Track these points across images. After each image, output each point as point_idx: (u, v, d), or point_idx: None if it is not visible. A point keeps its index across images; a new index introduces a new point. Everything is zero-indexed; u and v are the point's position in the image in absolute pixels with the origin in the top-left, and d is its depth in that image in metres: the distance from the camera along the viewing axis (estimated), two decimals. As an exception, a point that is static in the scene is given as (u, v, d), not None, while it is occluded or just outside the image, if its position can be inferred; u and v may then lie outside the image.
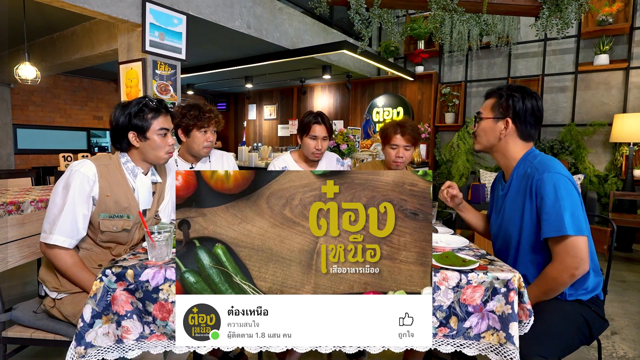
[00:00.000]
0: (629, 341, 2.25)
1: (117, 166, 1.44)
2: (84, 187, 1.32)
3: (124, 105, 1.44)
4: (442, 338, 1.07)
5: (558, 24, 2.54)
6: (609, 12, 4.37)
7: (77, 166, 1.34)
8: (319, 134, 2.07)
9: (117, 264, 1.10)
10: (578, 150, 4.73)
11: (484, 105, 1.45)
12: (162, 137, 1.46)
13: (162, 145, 1.46)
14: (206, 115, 1.89)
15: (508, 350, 1.03)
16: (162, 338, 1.08)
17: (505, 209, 1.42)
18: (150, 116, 1.43)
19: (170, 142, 1.49)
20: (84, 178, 1.32)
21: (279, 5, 4.41)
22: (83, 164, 1.35)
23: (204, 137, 1.92)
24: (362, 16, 2.70)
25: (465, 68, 5.62)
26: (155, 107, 1.45)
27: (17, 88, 6.34)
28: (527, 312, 1.08)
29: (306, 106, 7.37)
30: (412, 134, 1.96)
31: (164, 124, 1.46)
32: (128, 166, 1.47)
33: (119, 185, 1.41)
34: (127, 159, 1.48)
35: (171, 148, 1.50)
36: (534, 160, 1.33)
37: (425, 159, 5.80)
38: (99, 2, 2.82)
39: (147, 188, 1.52)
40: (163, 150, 1.47)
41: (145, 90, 3.20)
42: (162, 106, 1.48)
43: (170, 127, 1.50)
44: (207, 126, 1.90)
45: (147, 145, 1.44)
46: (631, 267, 3.70)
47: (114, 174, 1.42)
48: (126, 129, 1.42)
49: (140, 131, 1.42)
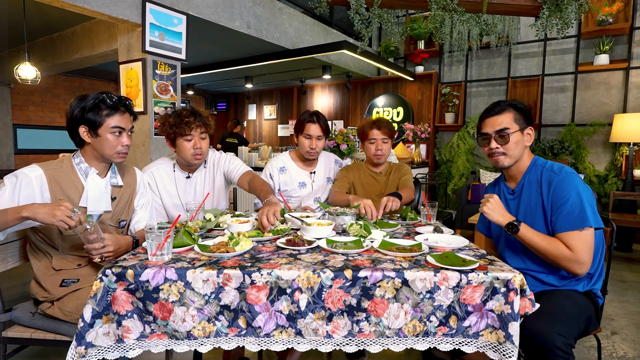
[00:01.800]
0: (629, 341, 2.25)
1: (69, 168, 1.40)
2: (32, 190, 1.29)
3: (82, 97, 1.39)
4: (442, 337, 1.08)
5: (558, 24, 2.54)
6: (609, 12, 4.37)
7: (24, 169, 1.31)
8: (313, 133, 2.07)
9: (117, 264, 1.10)
10: (578, 150, 4.73)
11: (502, 121, 1.44)
12: (115, 136, 1.39)
13: (114, 144, 1.40)
14: (184, 121, 1.74)
15: (507, 348, 1.03)
16: (162, 337, 1.08)
17: (519, 212, 1.48)
18: (106, 113, 1.37)
19: (125, 143, 1.42)
20: (28, 180, 1.29)
21: (279, 5, 4.41)
22: (31, 168, 1.33)
23: (190, 144, 1.78)
24: (362, 16, 2.70)
25: (465, 68, 5.62)
26: (113, 104, 1.39)
27: (17, 88, 6.34)
28: (529, 303, 1.09)
29: (306, 106, 7.36)
30: (388, 126, 2.11)
31: (119, 122, 1.39)
32: (81, 167, 1.42)
33: (72, 187, 1.38)
34: (81, 160, 1.43)
35: (124, 148, 1.43)
36: (545, 165, 1.44)
37: (425, 159, 5.80)
38: (99, 2, 2.81)
39: (101, 189, 1.44)
40: (114, 149, 1.40)
41: (146, 90, 3.20)
42: (122, 104, 1.41)
43: (128, 127, 1.43)
44: (190, 132, 1.75)
45: (98, 142, 1.39)
46: (631, 267, 3.70)
47: (66, 176, 1.38)
48: (78, 123, 1.37)
49: (92, 126, 1.37)
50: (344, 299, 1.06)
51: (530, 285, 1.41)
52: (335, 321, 1.06)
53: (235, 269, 1.07)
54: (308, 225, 1.47)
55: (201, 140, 1.80)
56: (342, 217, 1.60)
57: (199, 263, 1.12)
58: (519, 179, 1.50)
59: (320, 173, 2.24)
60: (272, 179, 2.18)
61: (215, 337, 1.08)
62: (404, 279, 1.06)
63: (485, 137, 1.49)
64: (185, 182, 1.93)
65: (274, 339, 1.07)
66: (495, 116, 1.46)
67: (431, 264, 1.12)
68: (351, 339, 1.07)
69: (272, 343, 1.07)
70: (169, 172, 1.91)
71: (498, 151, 1.45)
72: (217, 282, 1.06)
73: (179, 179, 1.92)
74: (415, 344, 1.07)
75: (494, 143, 1.45)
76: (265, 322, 1.07)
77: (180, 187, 1.91)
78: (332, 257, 1.20)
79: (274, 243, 1.38)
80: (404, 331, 1.07)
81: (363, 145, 2.18)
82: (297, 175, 2.19)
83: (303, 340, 1.07)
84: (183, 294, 1.06)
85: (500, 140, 1.44)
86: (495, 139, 1.45)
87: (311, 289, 1.06)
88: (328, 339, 1.06)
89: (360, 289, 1.06)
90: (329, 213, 1.65)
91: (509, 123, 1.44)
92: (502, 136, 1.44)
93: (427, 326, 1.07)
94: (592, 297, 1.39)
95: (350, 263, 1.13)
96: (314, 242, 1.35)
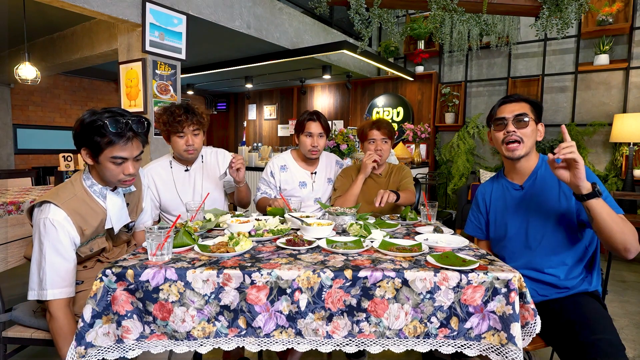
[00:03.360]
0: (629, 341, 2.25)
1: (83, 194, 1.31)
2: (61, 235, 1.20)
3: (92, 113, 1.23)
4: (443, 339, 1.07)
5: (558, 24, 2.54)
6: (609, 12, 4.37)
7: (45, 214, 1.20)
8: (315, 131, 2.07)
9: (117, 264, 1.10)
10: (578, 150, 4.71)
11: (521, 107, 1.43)
12: (116, 165, 1.26)
13: (114, 173, 1.27)
14: (177, 119, 1.78)
15: (509, 350, 1.02)
16: (162, 338, 1.08)
17: (530, 206, 1.46)
18: (107, 140, 1.21)
19: (129, 171, 1.29)
20: (57, 227, 1.20)
21: (279, 5, 4.41)
22: (52, 212, 1.20)
23: (183, 141, 1.84)
24: (362, 16, 2.70)
25: (465, 68, 5.62)
26: (117, 131, 1.21)
27: (17, 88, 6.33)
28: (532, 312, 1.07)
29: (306, 106, 7.36)
30: (388, 127, 2.12)
31: (120, 152, 1.24)
32: (95, 189, 1.33)
33: (92, 214, 1.31)
34: (92, 182, 1.33)
35: (128, 177, 1.31)
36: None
37: (425, 159, 5.79)
38: (99, 2, 2.81)
39: (120, 206, 1.40)
40: (115, 177, 1.29)
41: (146, 90, 3.20)
42: (129, 129, 1.23)
43: (133, 155, 1.28)
44: (182, 130, 1.81)
45: (100, 167, 1.27)
46: (631, 267, 3.69)
47: (84, 205, 1.29)
48: (80, 143, 1.24)
49: (93, 151, 1.23)
50: (344, 299, 1.06)
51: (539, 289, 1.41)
52: (335, 321, 1.06)
53: (235, 269, 1.07)
54: (308, 225, 1.47)
55: (194, 137, 1.86)
56: (342, 217, 1.60)
57: (199, 263, 1.12)
58: (527, 174, 1.49)
59: (321, 173, 2.24)
60: (273, 176, 2.18)
61: (215, 337, 1.07)
62: (404, 279, 1.05)
63: (501, 122, 1.45)
64: (184, 175, 1.98)
65: (274, 339, 1.07)
66: (514, 103, 1.45)
67: (431, 264, 1.12)
68: (351, 339, 1.07)
69: (272, 343, 1.07)
70: (166, 168, 1.97)
71: (515, 135, 1.40)
72: (217, 282, 1.06)
73: (177, 172, 1.98)
74: (416, 346, 1.06)
75: (512, 126, 1.41)
76: (265, 322, 1.06)
77: (178, 181, 1.96)
78: (332, 257, 1.20)
79: (274, 243, 1.38)
80: (404, 332, 1.06)
81: (363, 146, 2.18)
82: (298, 175, 2.19)
83: (303, 341, 1.07)
84: (183, 294, 1.06)
85: (518, 125, 1.41)
86: (513, 123, 1.42)
87: (311, 289, 1.06)
88: (328, 339, 1.06)
89: (360, 289, 1.06)
90: (329, 213, 1.65)
91: (528, 110, 1.43)
92: (520, 121, 1.41)
93: (428, 327, 1.06)
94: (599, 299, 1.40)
95: (350, 263, 1.13)
96: (314, 242, 1.35)
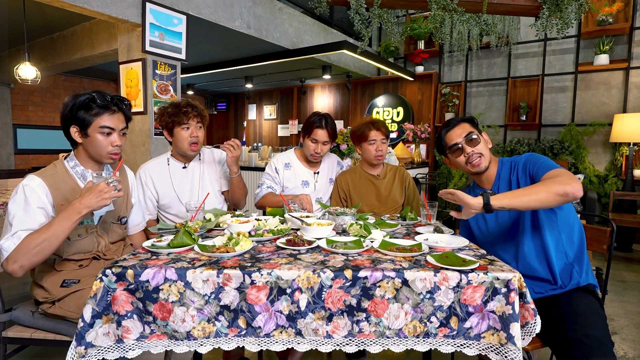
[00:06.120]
0: (629, 341, 2.25)
1: (64, 173, 1.39)
2: (37, 196, 1.28)
3: (74, 96, 1.36)
4: (443, 338, 1.07)
5: (558, 24, 2.54)
6: (609, 12, 4.37)
7: (23, 182, 1.30)
8: (320, 138, 2.08)
9: (117, 264, 1.10)
10: (578, 150, 4.73)
11: (465, 129, 1.53)
12: (104, 136, 1.37)
13: (103, 144, 1.37)
14: (183, 110, 1.85)
15: (509, 350, 1.02)
16: (162, 338, 1.08)
17: None
18: (95, 112, 1.34)
19: (115, 143, 1.40)
20: (33, 190, 1.29)
21: (279, 5, 4.41)
22: (28, 178, 1.31)
23: (187, 133, 1.87)
24: (362, 16, 2.70)
25: (465, 68, 5.62)
26: (103, 103, 1.35)
27: (17, 88, 6.33)
28: (532, 312, 1.07)
29: (306, 106, 7.36)
30: (385, 127, 2.16)
31: (108, 122, 1.36)
32: (77, 170, 1.41)
33: (71, 192, 1.37)
34: (75, 163, 1.42)
35: (115, 149, 1.41)
36: (511, 159, 1.55)
37: (425, 159, 5.79)
38: (99, 2, 2.81)
39: None
40: (104, 149, 1.38)
41: (145, 90, 3.20)
42: (113, 103, 1.38)
43: (118, 127, 1.40)
44: (188, 121, 1.86)
45: (88, 142, 1.37)
46: (631, 267, 3.70)
47: (63, 182, 1.37)
48: (69, 122, 1.35)
49: (82, 126, 1.35)
50: (344, 299, 1.06)
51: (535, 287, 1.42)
52: (335, 321, 1.06)
53: (235, 269, 1.07)
54: (308, 225, 1.47)
55: (197, 130, 1.90)
56: (342, 217, 1.60)
57: (199, 263, 1.12)
58: (493, 179, 1.57)
59: (323, 174, 2.26)
60: (277, 172, 2.19)
61: (215, 337, 1.07)
62: (404, 279, 1.05)
63: (456, 147, 1.55)
64: (182, 172, 1.98)
65: (274, 339, 1.07)
66: (455, 127, 1.55)
67: (431, 264, 1.12)
68: (351, 339, 1.07)
69: (272, 343, 1.07)
70: (163, 166, 1.97)
71: (475, 153, 1.51)
72: (217, 282, 1.06)
73: (175, 169, 1.98)
74: (416, 345, 1.07)
75: (469, 147, 1.52)
76: (265, 322, 1.06)
77: (175, 178, 1.96)
78: (332, 257, 1.20)
79: (274, 243, 1.38)
80: (404, 332, 1.06)
81: (360, 147, 2.17)
82: (301, 173, 2.20)
83: (303, 341, 1.07)
84: (183, 294, 1.06)
85: (471, 144, 1.52)
86: (466, 145, 1.52)
87: (311, 289, 1.06)
88: (328, 339, 1.06)
89: (360, 289, 1.06)
90: (329, 213, 1.65)
91: (471, 128, 1.53)
92: (471, 139, 1.52)
93: (427, 327, 1.07)
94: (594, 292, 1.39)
95: (350, 263, 1.13)
96: (314, 242, 1.35)
